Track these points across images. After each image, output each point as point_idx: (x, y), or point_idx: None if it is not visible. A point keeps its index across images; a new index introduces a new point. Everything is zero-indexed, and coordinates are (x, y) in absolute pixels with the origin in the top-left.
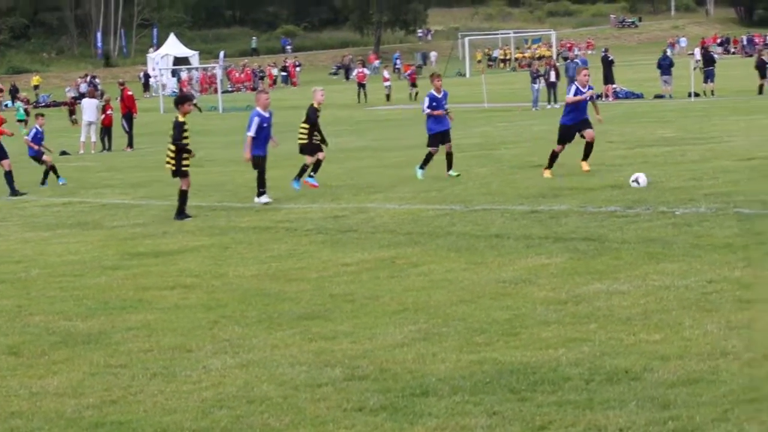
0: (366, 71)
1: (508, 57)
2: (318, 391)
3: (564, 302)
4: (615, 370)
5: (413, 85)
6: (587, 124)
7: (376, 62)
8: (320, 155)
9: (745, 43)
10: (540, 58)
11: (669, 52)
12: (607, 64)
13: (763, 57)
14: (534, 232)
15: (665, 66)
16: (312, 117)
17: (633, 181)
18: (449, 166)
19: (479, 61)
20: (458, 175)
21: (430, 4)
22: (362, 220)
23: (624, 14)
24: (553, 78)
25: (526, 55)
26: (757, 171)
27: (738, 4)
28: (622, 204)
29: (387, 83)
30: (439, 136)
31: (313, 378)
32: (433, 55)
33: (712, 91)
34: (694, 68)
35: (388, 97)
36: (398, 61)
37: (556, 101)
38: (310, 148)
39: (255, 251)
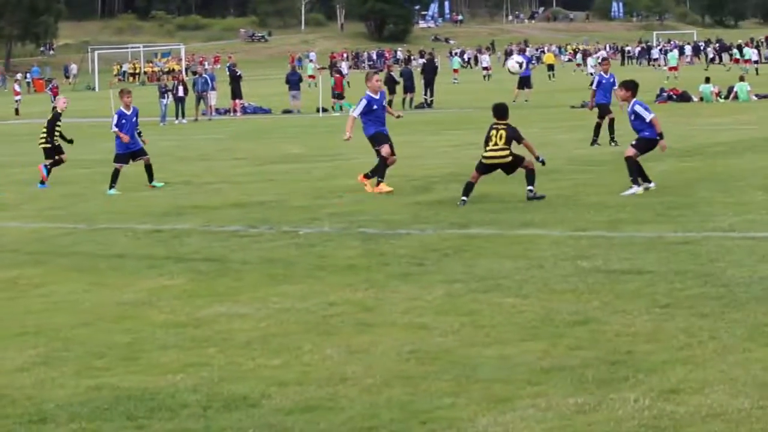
0: None
1: (137, 71)
2: None
3: (184, 325)
4: (233, 397)
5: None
6: (388, 139)
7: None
8: (63, 157)
9: (375, 57)
10: (169, 72)
11: (305, 67)
12: (235, 79)
13: (392, 72)
14: (156, 252)
15: (294, 81)
16: (51, 122)
17: (514, 64)
18: (151, 178)
19: (116, 75)
20: (162, 185)
21: (60, 17)
22: None
23: (254, 28)
24: (181, 93)
25: (156, 69)
26: None
27: (368, 19)
28: (245, 223)
29: (18, 97)
30: (129, 155)
31: None
32: (74, 67)
33: (341, 106)
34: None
35: (17, 111)
36: (28, 75)
37: (183, 116)
38: (52, 150)
39: None
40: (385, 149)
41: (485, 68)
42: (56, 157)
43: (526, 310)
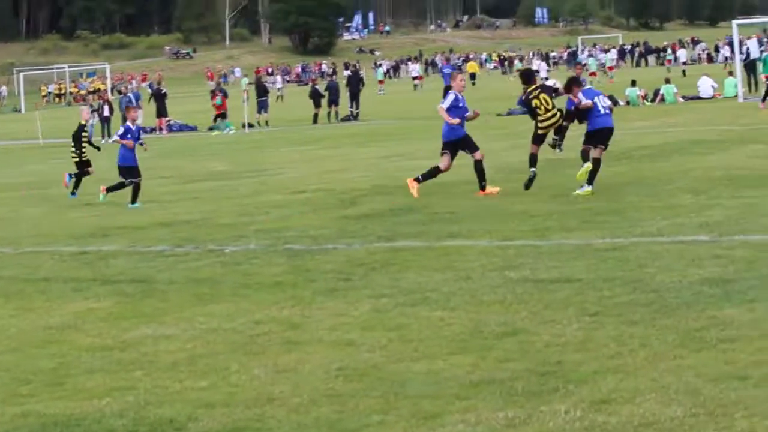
0: None
1: (63, 91)
2: None
3: (110, 348)
4: (160, 420)
5: None
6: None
7: None
8: (90, 169)
9: (300, 71)
10: (95, 91)
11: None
12: (160, 97)
13: (317, 86)
14: (82, 275)
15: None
16: (76, 135)
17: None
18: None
19: (43, 96)
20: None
21: None
22: None
23: (179, 45)
24: (106, 113)
25: (82, 91)
26: (308, 205)
27: (293, 33)
28: (171, 242)
29: None
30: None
31: None
32: (3, 89)
33: (267, 122)
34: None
35: None
36: None
37: (109, 136)
38: (81, 164)
39: None
40: (446, 163)
41: (415, 78)
42: (85, 169)
43: (454, 323)
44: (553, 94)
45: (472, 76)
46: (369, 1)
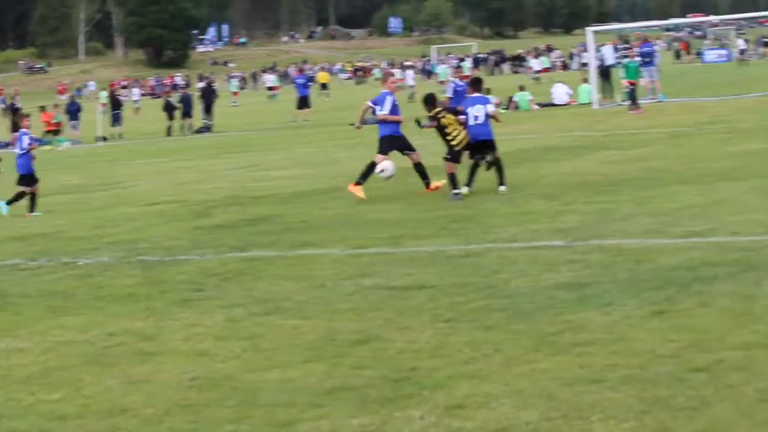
0: None
1: None
2: None
3: None
4: None
5: None
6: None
7: None
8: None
9: (153, 84)
10: None
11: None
12: (14, 111)
13: (170, 98)
14: None
15: (73, 111)
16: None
17: (380, 172)
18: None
19: None
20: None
21: None
22: None
23: (33, 60)
24: None
25: None
26: (161, 216)
27: (147, 46)
28: (24, 256)
29: None
30: (30, 177)
31: None
32: None
33: (121, 135)
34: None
35: None
36: None
37: None
38: None
39: None
40: (380, 158)
41: (270, 88)
42: None
43: (308, 332)
44: (458, 115)
45: (324, 86)
46: (223, 14)
